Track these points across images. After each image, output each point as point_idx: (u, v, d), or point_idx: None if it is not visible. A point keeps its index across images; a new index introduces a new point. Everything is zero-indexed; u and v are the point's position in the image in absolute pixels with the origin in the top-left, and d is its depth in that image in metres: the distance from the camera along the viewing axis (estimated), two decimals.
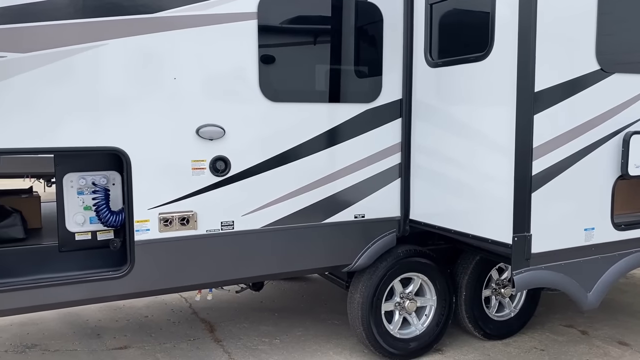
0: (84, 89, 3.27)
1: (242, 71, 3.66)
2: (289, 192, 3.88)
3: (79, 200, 3.61)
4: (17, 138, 3.16)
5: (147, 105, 3.42)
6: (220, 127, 3.62)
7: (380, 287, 4.26)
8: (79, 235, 3.63)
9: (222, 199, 3.69)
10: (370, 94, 4.08)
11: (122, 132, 3.37)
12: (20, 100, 3.14)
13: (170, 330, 5.02)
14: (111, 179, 3.67)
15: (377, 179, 4.16)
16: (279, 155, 3.82)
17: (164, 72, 3.45)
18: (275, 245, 3.89)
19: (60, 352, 4.52)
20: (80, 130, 3.28)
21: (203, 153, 3.61)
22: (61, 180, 3.56)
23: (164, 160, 3.51)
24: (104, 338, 4.82)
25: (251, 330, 5.03)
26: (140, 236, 3.49)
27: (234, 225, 3.75)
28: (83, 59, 3.25)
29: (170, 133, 3.51)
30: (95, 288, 3.45)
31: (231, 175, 3.70)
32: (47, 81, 3.18)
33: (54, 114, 3.22)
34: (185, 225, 3.59)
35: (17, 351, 4.53)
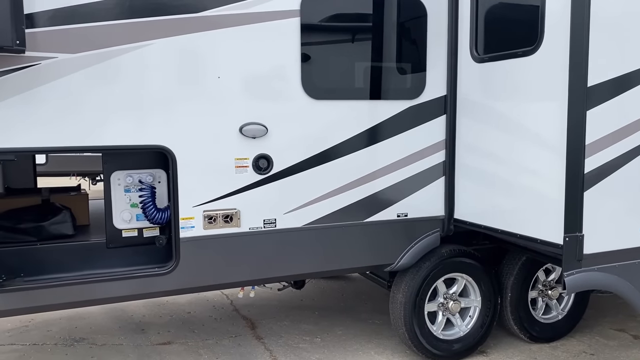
0: (131, 88, 3.32)
1: (284, 69, 3.65)
2: (331, 190, 3.85)
3: (126, 198, 3.67)
4: (67, 137, 3.24)
5: (191, 104, 3.45)
6: (263, 125, 3.62)
7: (423, 288, 4.19)
8: (125, 232, 3.69)
9: (264, 197, 3.70)
10: (413, 91, 4.02)
11: (168, 131, 3.42)
12: (70, 100, 3.21)
13: (212, 327, 5.07)
14: (157, 176, 3.72)
15: (421, 177, 4.09)
16: (321, 153, 3.80)
17: (208, 71, 3.48)
18: (317, 243, 3.88)
19: (106, 347, 4.62)
20: (127, 129, 3.34)
21: (246, 151, 3.62)
22: (109, 178, 3.63)
23: (208, 159, 3.53)
24: (148, 333, 4.91)
25: (292, 329, 5.03)
26: (185, 233, 3.52)
27: (276, 223, 3.75)
28: (130, 59, 3.30)
29: (214, 131, 3.53)
30: (142, 284, 3.50)
31: (273, 173, 3.70)
32: (96, 81, 3.24)
33: (102, 113, 3.28)
34: (228, 222, 3.61)
35: (66, 344, 4.65)
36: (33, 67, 3.12)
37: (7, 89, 3.07)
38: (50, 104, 3.16)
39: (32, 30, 3.07)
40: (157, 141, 3.41)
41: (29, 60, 3.10)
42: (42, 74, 3.14)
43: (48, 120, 3.17)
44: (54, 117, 3.18)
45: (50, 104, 3.16)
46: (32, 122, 3.14)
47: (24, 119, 3.12)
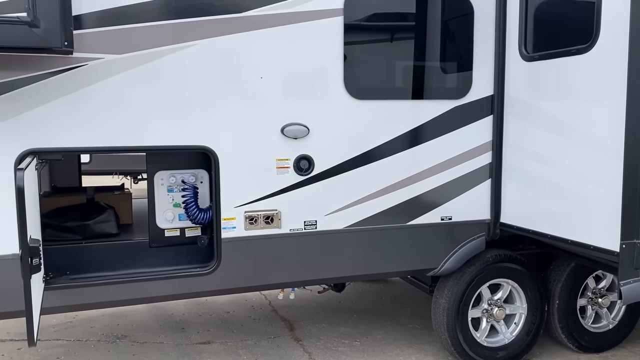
0: (174, 89, 3.33)
1: (326, 69, 3.60)
2: (373, 192, 3.78)
3: (169, 198, 3.69)
4: (112, 137, 3.27)
5: (233, 105, 3.44)
6: (304, 125, 3.58)
7: (467, 293, 4.08)
8: (168, 232, 3.71)
9: (305, 198, 3.66)
10: (459, 90, 3.91)
11: (210, 131, 3.41)
12: (115, 101, 3.24)
13: (251, 327, 5.06)
14: (199, 177, 3.72)
15: (466, 179, 3.97)
16: (363, 154, 3.73)
17: (250, 72, 3.46)
18: (358, 246, 3.81)
19: (147, 344, 4.67)
20: (170, 129, 3.35)
21: (287, 152, 3.59)
22: (152, 178, 3.65)
23: (250, 159, 3.52)
24: (188, 332, 4.94)
25: (330, 331, 4.98)
26: (227, 234, 3.51)
27: (317, 224, 3.70)
28: (174, 59, 3.31)
29: (256, 132, 3.51)
30: (184, 284, 3.51)
31: (315, 174, 3.66)
32: (141, 81, 3.27)
33: (146, 113, 3.30)
34: (269, 223, 3.59)
35: (108, 341, 4.72)
36: (80, 68, 3.16)
37: (55, 90, 3.11)
38: (97, 104, 3.20)
39: (80, 32, 3.11)
40: (200, 141, 3.41)
41: (76, 62, 3.14)
42: (89, 74, 3.18)
43: (94, 120, 3.21)
44: (99, 117, 3.21)
45: (96, 104, 3.20)
46: (78, 122, 3.18)
47: (71, 119, 3.16)
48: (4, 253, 3.07)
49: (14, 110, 3.05)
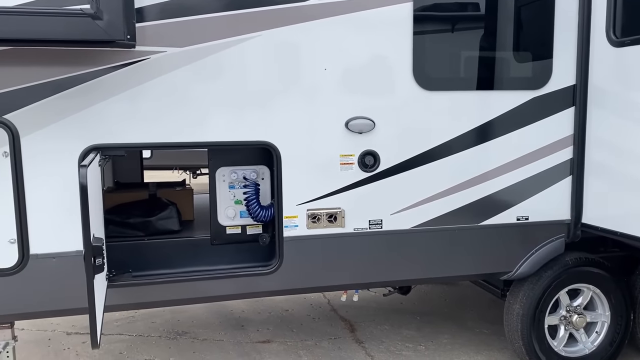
0: (236, 83, 3.22)
1: (394, 58, 3.39)
2: (443, 190, 3.55)
3: (230, 194, 3.60)
4: (174, 132, 3.19)
5: (296, 98, 3.30)
6: (370, 119, 3.40)
7: (544, 299, 3.79)
8: (229, 229, 3.62)
9: (370, 196, 3.48)
10: (537, 80, 3.61)
11: (272, 126, 3.29)
12: (177, 95, 3.16)
13: (310, 327, 4.94)
14: (260, 173, 3.61)
15: (544, 176, 3.68)
16: (433, 149, 3.51)
17: (314, 63, 3.30)
18: (426, 247, 3.60)
19: (207, 342, 4.63)
20: (232, 124, 3.24)
21: (352, 147, 3.42)
22: (214, 174, 3.57)
23: (313, 155, 3.37)
24: (248, 330, 4.87)
25: (393, 334, 4.79)
26: (289, 232, 3.38)
27: (382, 224, 3.52)
28: (236, 52, 3.20)
29: (319, 126, 3.36)
30: (245, 283, 3.41)
31: (380, 171, 3.47)
32: (202, 75, 3.17)
33: (208, 108, 3.21)
34: (332, 222, 3.43)
35: (169, 337, 4.72)
36: (142, 62, 3.09)
37: (117, 85, 3.06)
38: (158, 99, 3.13)
39: (142, 24, 3.04)
40: (262, 137, 3.29)
41: (139, 55, 3.08)
42: (151, 69, 3.11)
43: (156, 116, 3.14)
44: (161, 113, 3.15)
45: (158, 99, 3.13)
46: (140, 118, 3.12)
47: (133, 114, 3.11)
48: (67, 250, 3.05)
49: (77, 106, 3.03)
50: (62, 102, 3.00)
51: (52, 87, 2.98)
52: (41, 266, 3.08)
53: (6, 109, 2.94)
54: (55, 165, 3.04)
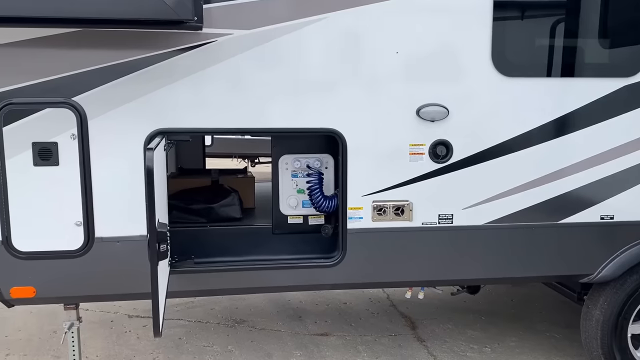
0: (303, 67, 3.10)
1: (472, 41, 3.17)
2: (520, 185, 3.31)
3: (293, 183, 3.49)
4: (239, 118, 3.11)
5: (364, 83, 3.14)
6: (443, 106, 3.19)
7: (628, 306, 3.49)
8: (291, 219, 3.52)
9: (440, 189, 3.28)
10: (629, 67, 3.29)
11: (339, 112, 3.14)
12: (243, 80, 3.07)
13: (370, 322, 4.80)
14: (324, 162, 3.48)
15: (634, 172, 3.36)
16: (511, 140, 3.26)
17: (385, 46, 3.12)
18: (500, 245, 3.37)
19: (265, 331, 4.57)
20: (297, 110, 3.13)
21: (423, 136, 3.23)
22: (277, 162, 3.47)
23: (381, 143, 3.20)
24: (305, 322, 4.78)
25: (457, 333, 4.57)
26: (353, 224, 3.24)
27: (453, 219, 3.31)
28: (305, 35, 3.07)
29: (389, 113, 3.18)
30: (306, 275, 3.30)
31: (453, 162, 3.26)
32: (268, 59, 3.06)
33: (273, 93, 3.10)
34: (399, 215, 3.26)
35: (227, 325, 4.70)
36: (208, 45, 3.02)
37: (183, 68, 3.00)
38: (224, 84, 3.05)
39: (208, 6, 2.96)
40: (327, 124, 3.15)
41: (205, 38, 3.01)
42: (217, 52, 3.03)
43: (221, 101, 3.06)
44: (226, 97, 3.06)
45: (224, 84, 3.05)
46: (205, 102, 3.05)
47: (198, 99, 3.04)
48: (131, 234, 3.03)
49: (143, 89, 2.99)
50: (128, 85, 2.97)
51: (119, 70, 2.95)
52: (106, 249, 3.08)
53: (75, 91, 2.93)
54: (121, 149, 3.03)
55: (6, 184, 2.93)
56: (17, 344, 4.25)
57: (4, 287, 3.05)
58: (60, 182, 2.99)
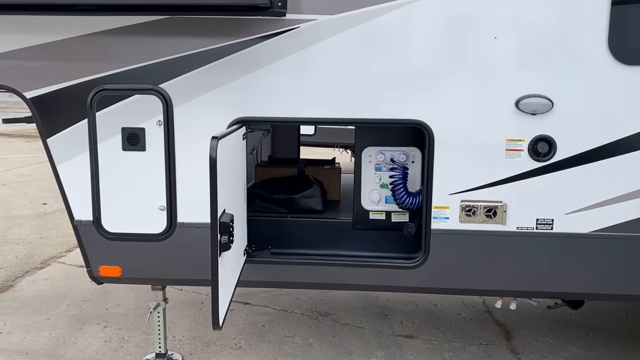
0: (390, 53, 2.91)
1: (585, 28, 2.78)
2: (637, 190, 2.86)
3: (376, 177, 3.32)
4: (320, 107, 2.99)
5: (456, 70, 2.88)
6: (547, 98, 2.84)
7: None
8: (373, 214, 3.36)
9: (540, 190, 2.94)
10: None
11: (427, 103, 2.92)
12: (326, 67, 2.94)
13: (460, 327, 4.50)
14: (411, 156, 3.27)
15: None
16: (628, 137, 2.84)
17: (481, 30, 2.84)
18: (609, 257, 2.96)
19: (348, 327, 4.46)
20: (383, 100, 2.94)
21: (521, 131, 2.90)
22: (360, 154, 3.32)
23: (473, 138, 2.93)
24: (391, 321, 4.60)
25: (557, 349, 4.15)
26: (438, 224, 3.00)
27: (553, 224, 2.96)
28: (391, 19, 2.87)
29: (483, 105, 2.90)
30: (385, 275, 3.13)
31: (556, 161, 2.91)
32: (353, 45, 2.91)
33: (356, 82, 2.94)
34: (491, 218, 2.97)
35: (311, 317, 4.64)
36: (292, 32, 2.92)
37: (266, 56, 2.94)
38: (306, 72, 2.95)
39: None
40: (413, 115, 2.94)
41: (288, 24, 2.91)
42: (300, 38, 2.93)
43: (303, 89, 2.96)
44: (308, 86, 2.95)
45: (306, 72, 2.95)
46: (287, 91, 2.97)
47: (280, 87, 2.97)
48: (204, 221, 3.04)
49: (226, 77, 2.97)
50: (212, 73, 2.96)
51: (203, 58, 2.96)
52: (187, 235, 3.12)
53: (161, 79, 2.98)
54: (204, 136, 3.01)
55: (97, 167, 3.05)
56: (115, 317, 4.51)
57: (94, 265, 3.20)
58: (146, 167, 3.07)
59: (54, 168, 3.09)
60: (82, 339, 4.10)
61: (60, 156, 3.08)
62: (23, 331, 4.20)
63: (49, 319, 4.42)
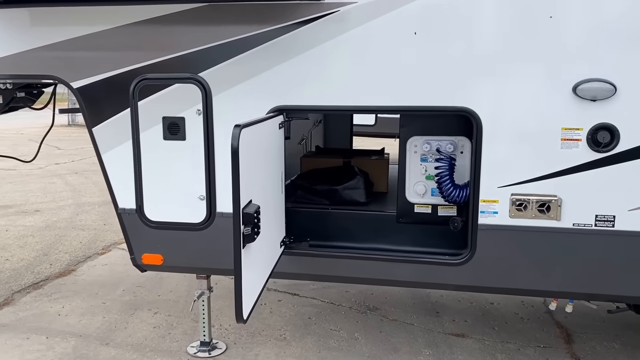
0: (432, 35, 2.74)
1: None
2: None
3: (422, 168, 3.16)
4: (362, 94, 2.88)
5: (507, 52, 2.66)
6: (609, 82, 2.58)
7: None
8: (418, 207, 3.20)
9: (600, 184, 2.69)
10: None
11: (473, 88, 2.73)
12: (366, 52, 2.82)
13: (516, 327, 4.25)
14: (459, 146, 3.08)
15: None
16: None
17: (535, 11, 2.61)
18: None
19: (396, 323, 4.32)
20: (425, 85, 2.78)
21: (579, 119, 2.66)
22: (405, 143, 3.17)
23: (524, 126, 2.72)
24: (442, 318, 4.42)
25: (624, 356, 3.83)
26: (486, 219, 2.82)
27: (614, 221, 2.70)
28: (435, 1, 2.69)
29: (536, 90, 2.68)
30: (429, 272, 2.98)
31: (618, 151, 2.65)
32: (395, 28, 2.77)
33: (400, 66, 2.80)
34: (544, 213, 2.74)
35: (359, 311, 4.54)
36: (331, 16, 2.82)
37: (303, 42, 2.85)
38: (346, 57, 2.84)
39: None
40: (458, 101, 2.76)
41: (327, 8, 2.82)
42: (340, 22, 2.82)
43: (342, 76, 2.86)
44: (348, 72, 2.85)
45: (345, 57, 2.84)
46: (326, 77, 2.88)
47: (318, 74, 2.89)
48: None
49: (263, 64, 2.91)
50: (250, 60, 2.91)
51: (241, 45, 2.91)
52: (226, 225, 3.09)
53: (200, 67, 2.96)
54: None
55: (140, 156, 3.08)
56: (165, 304, 4.60)
57: (137, 253, 3.25)
58: (187, 157, 3.07)
59: (99, 157, 3.16)
60: (132, 324, 4.21)
61: (104, 145, 3.14)
62: (79, 314, 4.37)
63: (104, 303, 4.58)
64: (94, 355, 3.72)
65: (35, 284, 4.99)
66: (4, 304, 4.54)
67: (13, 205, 8.01)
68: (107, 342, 3.91)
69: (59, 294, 4.78)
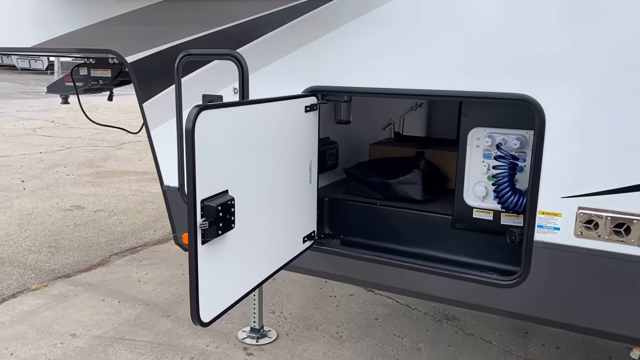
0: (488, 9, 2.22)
1: None
2: None
3: (484, 166, 2.65)
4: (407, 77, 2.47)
5: (576, 26, 2.06)
6: None
7: None
8: (477, 212, 2.71)
9: None
10: None
11: (536, 72, 2.16)
12: (413, 28, 2.39)
13: None
14: (528, 141, 2.51)
15: None
16: None
17: None
18: None
19: (472, 339, 3.81)
20: (480, 67, 2.29)
21: None
22: (466, 136, 2.68)
23: (600, 123, 2.09)
24: (529, 341, 3.80)
25: None
26: (544, 235, 2.26)
27: None
28: None
29: (616, 77, 2.04)
30: (472, 291, 2.50)
31: None
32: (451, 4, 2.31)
33: (451, 45, 2.35)
34: (620, 235, 2.11)
35: (434, 318, 4.10)
36: None
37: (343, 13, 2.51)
38: (386, 34, 2.44)
39: None
40: (516, 87, 2.22)
41: None
42: None
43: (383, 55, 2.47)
44: (389, 52, 2.45)
45: (386, 34, 2.45)
46: (364, 56, 2.51)
47: (356, 52, 2.53)
48: None
49: (299, 39, 2.64)
50: (285, 35, 2.67)
51: (276, 19, 2.67)
52: None
53: (238, 43, 2.79)
54: None
55: (182, 134, 3.01)
56: None
57: (179, 232, 3.22)
58: None
59: (148, 133, 3.16)
60: None
61: (153, 121, 3.13)
62: (157, 283, 4.55)
63: (184, 275, 4.71)
64: (151, 326, 3.83)
65: (133, 248, 5.32)
66: (99, 264, 4.92)
67: (150, 172, 8.71)
68: (168, 314, 4.00)
69: (148, 260, 5.04)
